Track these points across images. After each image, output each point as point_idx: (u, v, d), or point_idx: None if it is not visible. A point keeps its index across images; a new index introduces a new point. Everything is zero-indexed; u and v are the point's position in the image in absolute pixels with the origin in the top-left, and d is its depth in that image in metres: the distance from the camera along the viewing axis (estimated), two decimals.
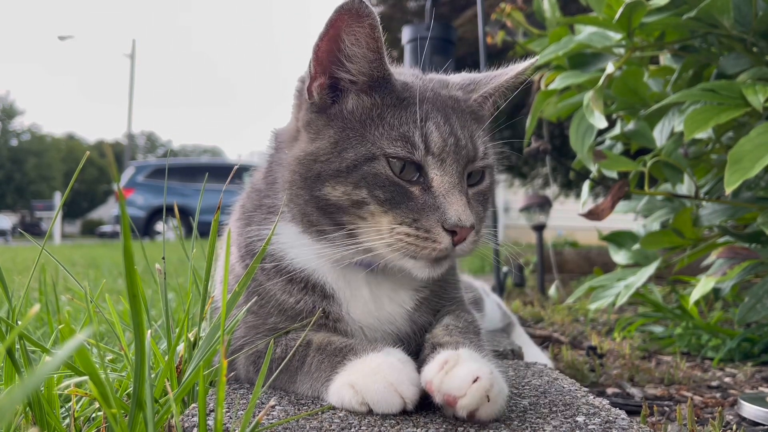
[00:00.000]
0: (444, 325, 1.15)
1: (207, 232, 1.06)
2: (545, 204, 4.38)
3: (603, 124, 1.95)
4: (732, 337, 2.15)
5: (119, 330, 1.15)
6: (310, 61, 1.07)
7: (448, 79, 1.21)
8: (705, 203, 2.31)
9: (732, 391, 1.76)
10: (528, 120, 2.53)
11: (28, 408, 0.92)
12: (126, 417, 0.80)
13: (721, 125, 1.88)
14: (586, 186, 2.69)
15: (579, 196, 5.35)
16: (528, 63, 1.19)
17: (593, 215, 2.18)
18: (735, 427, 1.38)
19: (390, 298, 1.16)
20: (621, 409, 1.04)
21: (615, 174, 2.31)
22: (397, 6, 6.20)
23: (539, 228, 4.37)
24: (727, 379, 1.90)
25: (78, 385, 0.98)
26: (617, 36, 2.14)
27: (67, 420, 0.98)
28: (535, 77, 2.60)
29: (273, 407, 0.98)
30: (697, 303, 2.45)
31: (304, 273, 1.14)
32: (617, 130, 2.49)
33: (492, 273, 4.65)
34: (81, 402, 1.03)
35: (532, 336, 2.40)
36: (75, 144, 52.79)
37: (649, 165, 2.13)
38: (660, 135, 2.30)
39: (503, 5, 2.89)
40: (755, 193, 2.15)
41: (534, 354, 1.96)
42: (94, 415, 1.03)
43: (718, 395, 1.71)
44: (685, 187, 2.33)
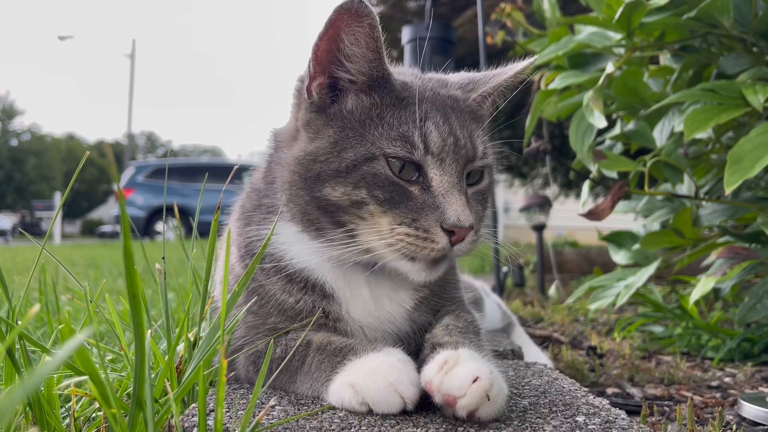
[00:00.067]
0: (444, 325, 1.15)
1: (207, 232, 1.06)
2: (545, 204, 4.38)
3: (603, 123, 1.95)
4: (732, 337, 2.15)
5: (119, 330, 1.15)
6: (309, 61, 1.07)
7: (447, 79, 1.21)
8: (705, 203, 2.30)
9: (732, 391, 1.76)
10: (528, 120, 2.54)
11: (28, 408, 0.92)
12: (126, 417, 0.80)
13: (721, 125, 1.88)
14: (586, 186, 2.69)
15: (579, 196, 5.35)
16: (527, 62, 1.19)
17: (593, 215, 2.18)
18: (735, 427, 1.38)
19: (390, 297, 1.16)
20: (621, 409, 1.04)
21: (615, 174, 2.31)
22: (397, 6, 6.20)
23: (539, 228, 4.37)
24: (727, 379, 1.90)
25: (78, 385, 0.98)
26: (617, 36, 2.14)
27: (67, 420, 0.98)
28: (535, 77, 2.60)
29: (273, 407, 0.98)
30: (697, 303, 2.45)
31: (303, 273, 1.14)
32: (617, 130, 2.49)
33: (492, 273, 4.65)
34: (81, 402, 1.03)
35: (532, 336, 2.40)
36: (75, 144, 52.79)
37: (649, 165, 2.13)
38: (660, 135, 2.30)
39: (503, 5, 2.89)
40: (755, 193, 2.15)
41: (534, 354, 1.96)
42: (94, 415, 1.03)
43: (718, 395, 1.71)
44: (685, 187, 2.33)
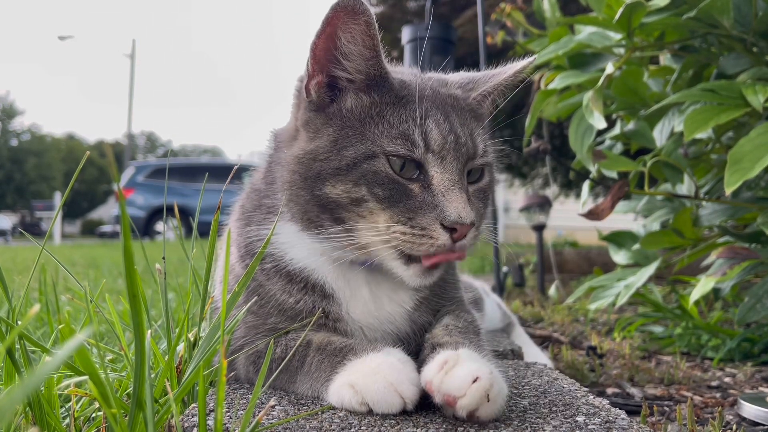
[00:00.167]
0: (444, 325, 1.15)
1: (207, 232, 1.06)
2: (545, 204, 4.38)
3: (602, 124, 1.95)
4: (732, 337, 2.15)
5: (119, 330, 1.15)
6: (307, 60, 1.07)
7: (447, 78, 1.21)
8: (705, 203, 2.30)
9: (732, 391, 1.76)
10: (528, 120, 2.54)
11: (28, 408, 0.92)
12: (126, 417, 0.80)
13: (721, 125, 1.88)
14: (586, 186, 2.69)
15: (579, 196, 5.35)
16: (526, 61, 1.19)
17: (593, 215, 2.18)
18: (735, 427, 1.38)
19: (390, 297, 1.16)
20: (621, 409, 1.04)
21: (615, 174, 2.31)
22: (397, 6, 6.20)
23: (539, 228, 4.36)
24: (727, 379, 1.90)
25: (78, 385, 0.98)
26: (617, 36, 2.14)
27: (67, 420, 0.98)
28: (535, 77, 2.60)
29: (273, 407, 0.98)
30: (697, 303, 2.45)
31: (303, 273, 1.14)
32: (617, 130, 2.49)
33: (492, 273, 4.65)
34: (81, 402, 1.03)
35: (532, 336, 2.40)
36: (75, 144, 52.79)
37: (649, 165, 2.13)
38: (660, 135, 2.30)
39: (503, 5, 2.89)
40: (755, 193, 2.15)
41: (534, 354, 1.96)
42: (94, 415, 1.03)
43: (718, 395, 1.71)
44: (685, 187, 2.33)
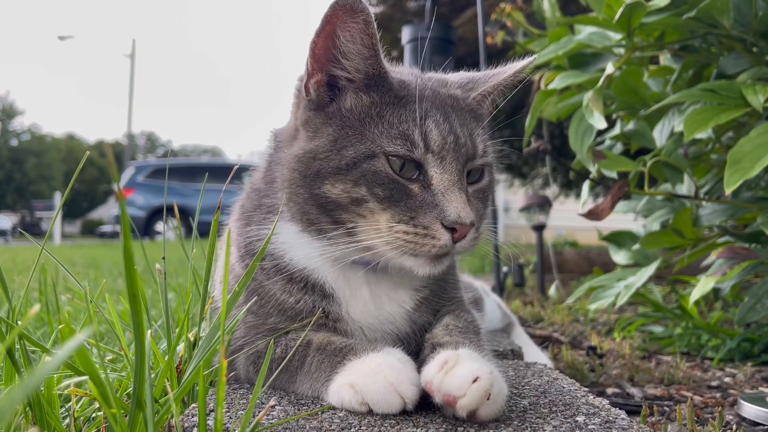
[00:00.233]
0: (444, 325, 1.15)
1: (207, 232, 1.06)
2: (545, 204, 4.38)
3: (602, 124, 1.95)
4: (732, 337, 2.15)
5: (119, 330, 1.15)
6: (307, 59, 1.07)
7: (446, 78, 1.21)
8: (705, 203, 2.30)
9: (732, 391, 1.76)
10: (528, 120, 2.53)
11: (28, 408, 0.92)
12: (126, 417, 0.80)
13: (721, 125, 1.88)
14: (586, 186, 2.69)
15: (579, 196, 5.35)
16: (526, 61, 1.19)
17: (593, 215, 2.18)
18: (735, 427, 1.38)
19: (390, 297, 1.16)
20: (621, 409, 1.04)
21: (615, 174, 2.31)
22: (397, 6, 6.19)
23: (539, 228, 4.37)
24: (727, 379, 1.90)
25: (78, 385, 0.98)
26: (617, 36, 2.14)
27: (67, 420, 0.98)
28: (535, 77, 2.60)
29: (273, 407, 0.98)
30: (697, 303, 2.45)
31: (303, 272, 1.14)
32: (617, 130, 2.49)
33: (492, 273, 4.65)
34: (81, 402, 1.03)
35: (532, 336, 2.40)
36: (75, 144, 52.77)
37: (649, 165, 2.13)
38: (660, 135, 2.30)
39: (503, 5, 2.89)
40: (755, 193, 2.15)
41: (534, 354, 1.96)
42: (94, 415, 1.03)
43: (718, 395, 1.71)
44: (685, 187, 2.33)
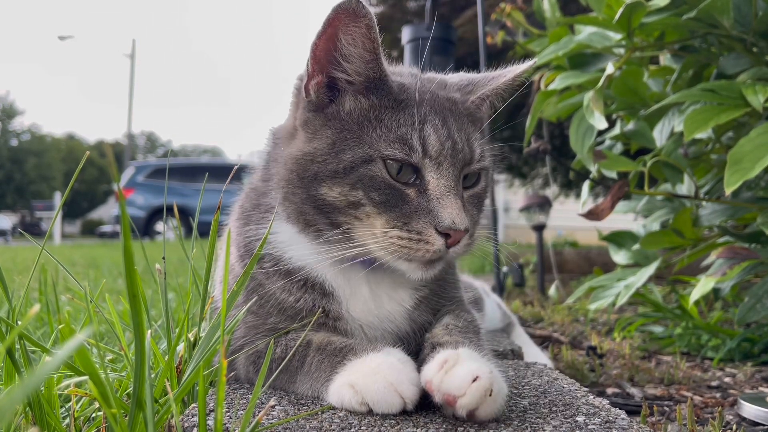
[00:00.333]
0: (444, 325, 1.15)
1: (207, 232, 1.06)
2: (545, 204, 4.38)
3: (603, 124, 1.95)
4: (732, 337, 2.15)
5: (119, 330, 1.15)
6: (308, 60, 1.07)
7: (446, 80, 1.21)
8: (705, 203, 2.30)
9: (732, 391, 1.76)
10: (528, 120, 2.54)
11: (28, 408, 0.92)
12: (126, 417, 0.80)
13: (721, 125, 1.88)
14: (586, 186, 2.69)
15: (579, 196, 5.35)
16: (526, 65, 1.19)
17: (593, 215, 2.18)
18: (735, 427, 1.38)
19: (389, 296, 1.16)
20: (621, 409, 1.04)
21: (615, 174, 2.31)
22: (397, 6, 6.20)
23: (539, 228, 4.37)
24: (727, 379, 1.90)
25: (78, 385, 0.98)
26: (617, 36, 2.14)
27: (67, 420, 0.99)
28: (535, 77, 2.60)
29: (273, 407, 0.98)
30: (697, 303, 2.45)
31: (303, 271, 1.14)
32: (617, 130, 2.49)
33: (492, 273, 4.65)
34: (81, 402, 1.03)
35: (532, 336, 2.40)
36: (75, 144, 52.75)
37: (649, 165, 2.13)
38: (660, 135, 2.30)
39: (503, 5, 2.89)
40: (755, 193, 2.15)
41: (534, 354, 1.96)
42: (94, 415, 1.03)
43: (718, 395, 1.71)
44: (685, 187, 2.33)
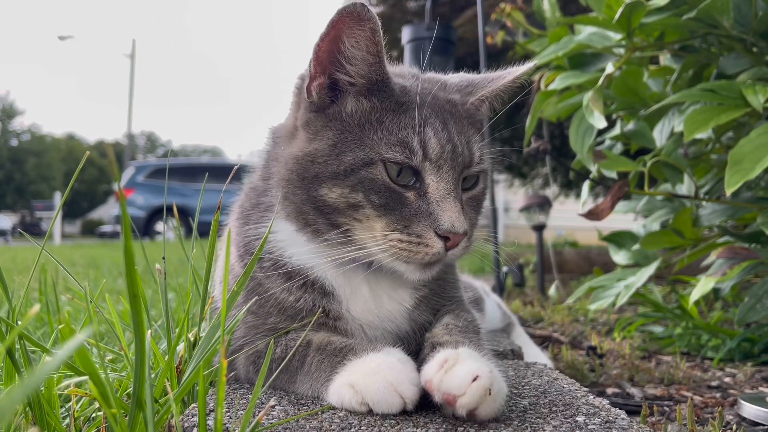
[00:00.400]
0: (444, 324, 1.15)
1: (207, 232, 1.06)
2: (545, 204, 4.38)
3: (603, 124, 1.95)
4: (732, 337, 2.15)
5: (119, 330, 1.15)
6: (310, 61, 1.07)
7: (445, 81, 1.20)
8: (705, 203, 2.31)
9: (732, 391, 1.76)
10: (528, 120, 2.54)
11: (28, 408, 0.92)
12: (126, 417, 0.80)
13: (721, 125, 1.88)
14: (586, 186, 2.69)
15: (579, 196, 5.35)
16: (526, 68, 1.19)
17: (593, 215, 2.18)
18: (735, 427, 1.38)
19: (389, 295, 1.16)
20: (621, 409, 1.04)
21: (615, 174, 2.31)
22: (397, 6, 6.20)
23: (539, 228, 4.37)
24: (727, 379, 1.90)
25: (78, 385, 0.98)
26: (617, 36, 2.14)
27: (67, 420, 0.99)
28: (535, 77, 2.60)
29: (273, 407, 0.98)
30: (697, 303, 2.45)
31: (302, 270, 1.14)
32: (617, 130, 2.49)
33: (492, 273, 4.65)
34: (81, 402, 1.03)
35: (532, 336, 2.40)
36: (75, 144, 52.74)
37: (649, 165, 2.13)
38: (660, 135, 2.30)
39: (503, 5, 2.89)
40: (755, 193, 2.15)
41: (534, 354, 1.96)
42: (94, 415, 1.03)
43: (718, 395, 1.71)
44: (685, 187, 2.33)
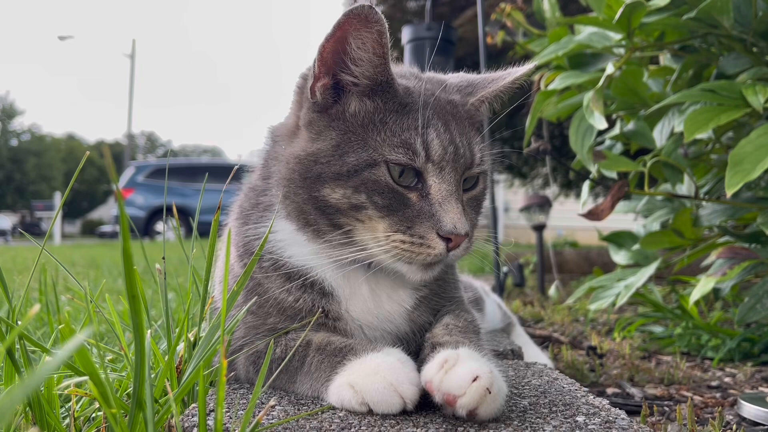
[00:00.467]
0: (444, 325, 1.15)
1: (207, 232, 1.06)
2: (545, 204, 4.38)
3: (603, 124, 1.95)
4: (732, 337, 2.15)
5: (119, 330, 1.15)
6: (314, 61, 1.07)
7: (446, 81, 1.20)
8: (705, 203, 2.31)
9: (732, 391, 1.76)
10: (528, 120, 2.54)
11: (28, 408, 0.93)
12: (126, 417, 0.80)
13: (721, 126, 1.88)
14: (586, 186, 2.69)
15: (579, 196, 5.35)
16: (526, 68, 1.19)
17: (593, 215, 2.19)
18: (735, 427, 1.38)
19: (389, 296, 1.16)
20: (621, 409, 1.04)
21: (615, 174, 2.31)
22: (397, 6, 6.19)
23: (539, 228, 4.37)
24: (727, 379, 1.90)
25: (78, 385, 0.98)
26: (617, 36, 2.14)
27: (67, 420, 0.99)
28: (535, 77, 2.60)
29: (273, 407, 0.98)
30: (697, 303, 2.45)
31: (302, 270, 1.14)
32: (617, 130, 2.49)
33: (492, 273, 4.65)
34: (81, 402, 1.03)
35: (532, 336, 2.40)
36: (75, 144, 52.76)
37: (649, 165, 2.13)
38: (660, 135, 2.30)
39: (503, 5, 2.89)
40: (755, 194, 2.15)
41: (534, 354, 1.96)
42: (94, 415, 1.03)
43: (718, 395, 1.71)
44: (685, 187, 2.33)
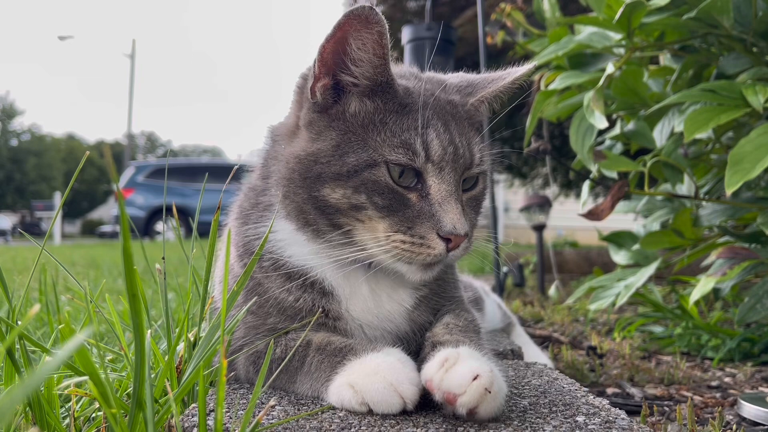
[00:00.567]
0: (444, 324, 1.15)
1: (207, 232, 1.06)
2: (545, 204, 4.38)
3: (603, 124, 1.95)
4: (732, 337, 2.15)
5: (119, 330, 1.15)
6: (314, 61, 1.07)
7: (445, 81, 1.20)
8: (705, 203, 2.31)
9: (732, 391, 1.76)
10: (528, 120, 2.54)
11: (28, 408, 0.93)
12: (126, 417, 0.80)
13: (721, 126, 1.88)
14: (586, 186, 2.69)
15: (579, 196, 5.35)
16: (525, 69, 1.19)
17: (593, 215, 2.19)
18: (735, 427, 1.38)
19: (389, 296, 1.16)
20: (621, 409, 1.04)
21: (615, 174, 2.31)
22: (397, 6, 6.20)
23: (539, 228, 4.37)
24: (727, 379, 1.90)
25: (78, 385, 0.98)
26: (617, 36, 2.14)
27: (67, 420, 0.99)
28: (535, 77, 2.60)
29: (273, 407, 0.98)
30: (697, 303, 2.45)
31: (302, 270, 1.14)
32: (617, 130, 2.49)
33: (492, 273, 4.65)
34: (81, 402, 1.03)
35: (532, 336, 2.40)
36: (75, 144, 52.78)
37: (649, 165, 2.13)
38: (660, 135, 2.30)
39: (503, 5, 2.89)
40: (755, 193, 2.15)
41: (534, 354, 1.96)
42: (94, 415, 1.03)
43: (718, 395, 1.71)
44: (685, 187, 2.33)
